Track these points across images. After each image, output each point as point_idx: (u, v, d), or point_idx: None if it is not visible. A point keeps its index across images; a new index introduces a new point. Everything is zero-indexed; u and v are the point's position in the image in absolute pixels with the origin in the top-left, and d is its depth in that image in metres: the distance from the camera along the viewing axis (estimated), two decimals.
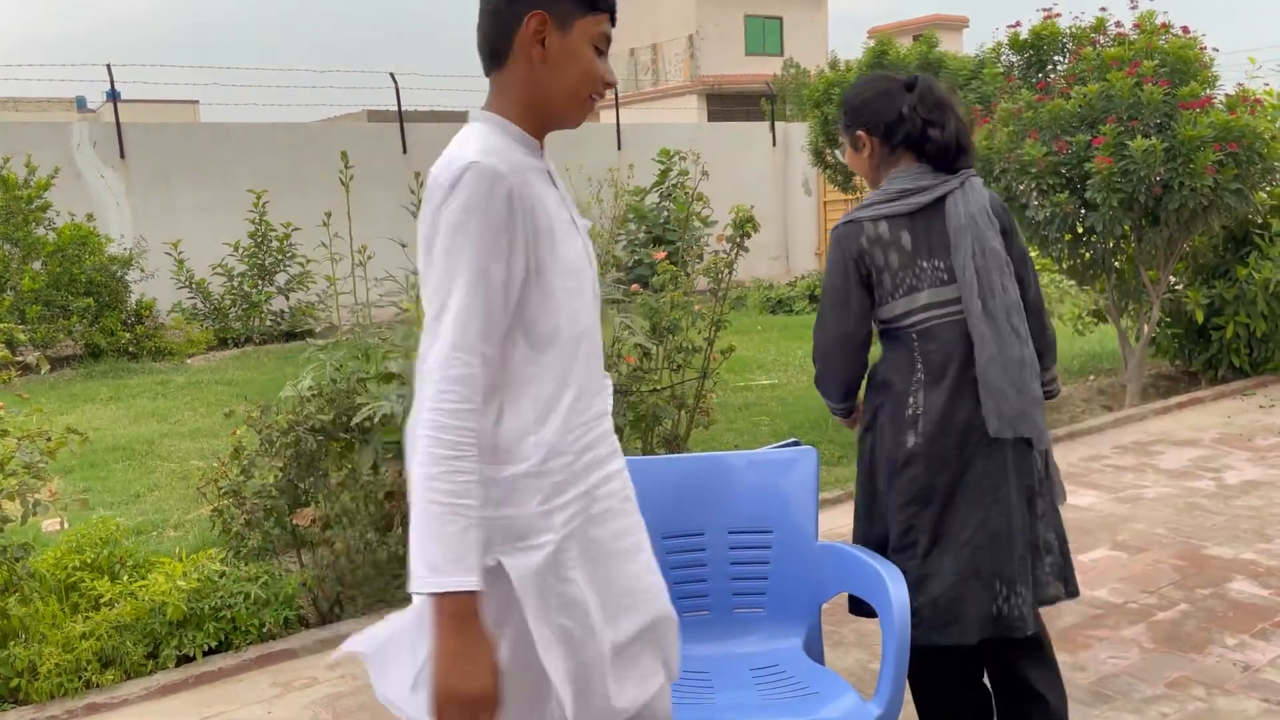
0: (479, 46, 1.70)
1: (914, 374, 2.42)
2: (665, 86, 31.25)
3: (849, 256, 2.43)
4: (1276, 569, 4.03)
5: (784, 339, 10.65)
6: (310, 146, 13.99)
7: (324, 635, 3.75)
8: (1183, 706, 3.03)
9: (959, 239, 2.38)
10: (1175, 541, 4.38)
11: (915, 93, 2.47)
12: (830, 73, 12.71)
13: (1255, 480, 5.18)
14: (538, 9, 1.63)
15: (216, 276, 12.19)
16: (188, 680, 3.48)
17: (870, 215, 2.43)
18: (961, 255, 2.38)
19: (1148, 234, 6.39)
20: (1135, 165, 5.90)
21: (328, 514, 4.07)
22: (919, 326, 2.42)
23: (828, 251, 2.57)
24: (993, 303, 2.38)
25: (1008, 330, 2.38)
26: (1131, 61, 6.26)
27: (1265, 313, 7.04)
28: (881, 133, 2.48)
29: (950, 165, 2.44)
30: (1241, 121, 5.93)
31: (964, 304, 2.38)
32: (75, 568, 3.72)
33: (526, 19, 1.63)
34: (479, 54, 1.71)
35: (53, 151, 12.20)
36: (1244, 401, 6.89)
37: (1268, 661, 3.28)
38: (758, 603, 2.72)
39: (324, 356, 4.33)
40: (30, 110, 31.91)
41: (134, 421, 7.96)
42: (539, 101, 1.69)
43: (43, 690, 3.35)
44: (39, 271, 10.73)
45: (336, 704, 3.33)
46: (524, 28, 1.63)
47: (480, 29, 1.69)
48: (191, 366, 10.70)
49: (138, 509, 5.60)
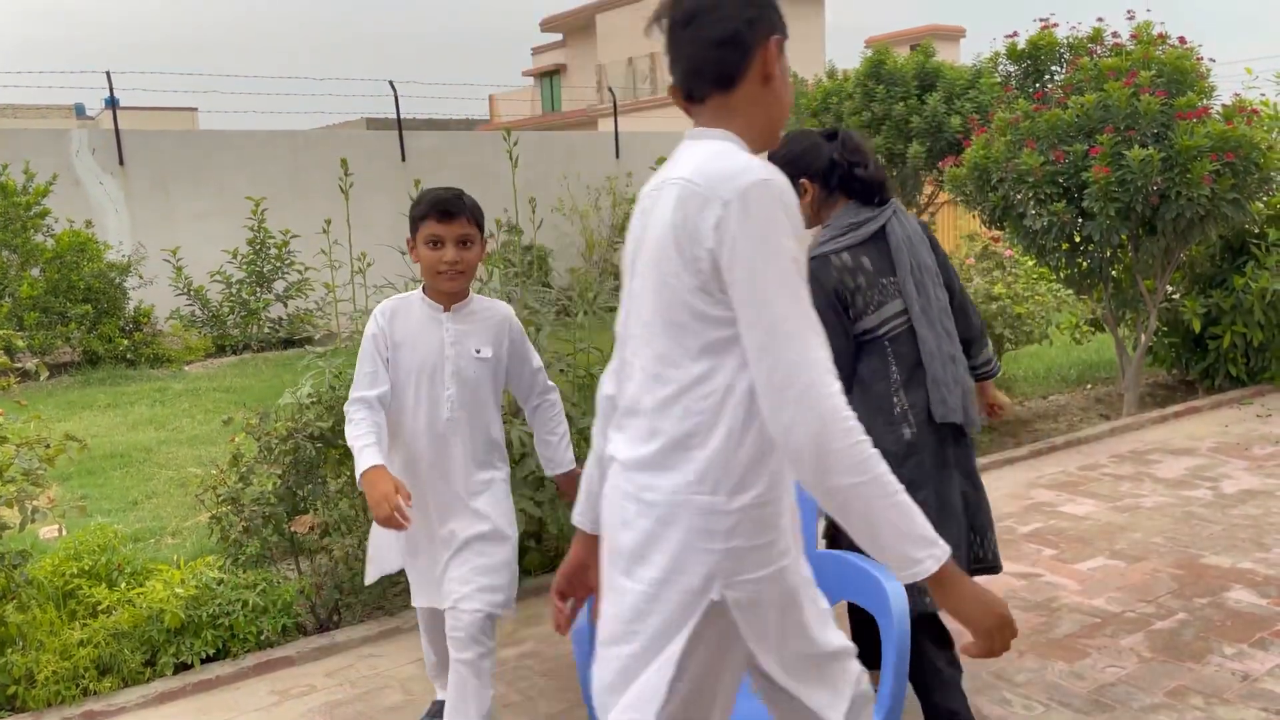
0: (696, 71, 1.69)
1: (890, 376, 2.75)
2: (663, 95, 31.28)
3: (828, 287, 2.72)
4: (1274, 578, 4.03)
5: None
6: (309, 154, 14.00)
7: (322, 643, 3.74)
8: (1181, 716, 3.03)
9: (899, 257, 2.78)
10: (1173, 550, 4.38)
11: (838, 141, 2.85)
12: (828, 82, 12.74)
13: (1252, 489, 5.19)
14: (775, 33, 1.69)
15: (215, 284, 12.19)
16: (185, 688, 3.47)
17: (833, 249, 2.76)
18: (903, 271, 2.77)
19: (1145, 243, 6.40)
20: (1132, 175, 5.92)
21: (326, 521, 4.06)
22: (889, 334, 2.76)
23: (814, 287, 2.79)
24: (930, 309, 2.78)
25: (942, 331, 2.80)
26: (1129, 72, 6.28)
27: (1262, 322, 7.06)
28: (820, 179, 2.83)
29: (875, 199, 2.82)
30: (1238, 132, 5.96)
31: (909, 312, 2.77)
32: (73, 575, 3.71)
33: (769, 43, 1.68)
34: (691, 79, 1.70)
35: (51, 158, 12.21)
36: (1241, 411, 6.90)
37: (1266, 671, 3.28)
38: None
39: (323, 364, 4.33)
40: (29, 117, 31.93)
41: (132, 428, 7.95)
42: (764, 123, 1.73)
43: (40, 698, 3.34)
44: (37, 278, 10.73)
45: (334, 711, 3.33)
46: (766, 51, 1.67)
47: (702, 54, 1.67)
48: (189, 374, 10.69)
49: (136, 516, 5.59)
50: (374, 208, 12.97)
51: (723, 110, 1.70)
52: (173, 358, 11.34)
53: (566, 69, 37.67)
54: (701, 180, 1.58)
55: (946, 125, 11.24)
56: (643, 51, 32.21)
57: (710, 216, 1.56)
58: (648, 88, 32.09)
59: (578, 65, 36.78)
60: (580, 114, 32.09)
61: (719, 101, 1.70)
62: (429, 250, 2.69)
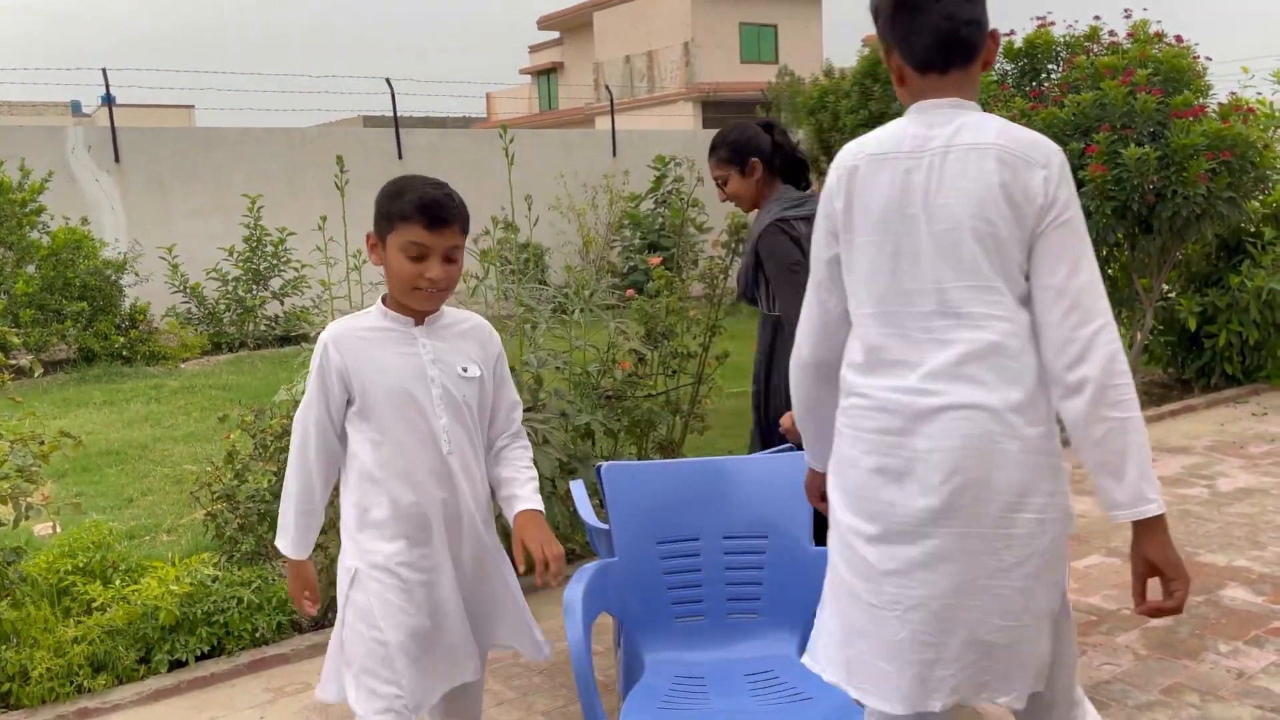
0: (948, 45, 1.86)
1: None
2: (660, 94, 31.29)
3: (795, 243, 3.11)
4: (1269, 576, 4.03)
5: None
6: (305, 151, 13.99)
7: (317, 640, 3.73)
8: (1176, 713, 3.03)
9: None
10: None
11: (775, 131, 3.32)
12: (825, 80, 12.76)
13: (1248, 487, 5.19)
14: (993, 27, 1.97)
15: (211, 281, 12.17)
16: (180, 685, 3.47)
17: (792, 216, 3.15)
18: None
19: (1141, 242, 6.41)
20: (1128, 173, 5.92)
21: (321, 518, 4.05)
22: None
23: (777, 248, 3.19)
24: None
25: None
26: (1125, 70, 6.29)
27: (1258, 321, 7.07)
28: (766, 159, 3.26)
29: (801, 181, 3.30)
30: (1234, 130, 5.97)
31: None
32: (67, 572, 3.71)
33: (995, 31, 1.93)
34: (937, 52, 1.86)
35: (47, 155, 12.19)
36: (1237, 409, 6.91)
37: (1261, 668, 3.28)
38: (753, 608, 2.72)
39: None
40: (25, 114, 31.88)
41: (127, 426, 7.94)
42: (976, 98, 1.94)
43: (34, 695, 3.33)
44: (33, 275, 10.70)
45: (329, 709, 3.32)
46: (994, 38, 1.92)
47: (954, 29, 1.85)
48: (185, 371, 10.67)
49: (130, 513, 5.58)
50: (370, 205, 12.87)
51: (965, 83, 1.89)
52: (168, 355, 11.32)
53: (564, 67, 37.66)
54: (1016, 146, 1.80)
55: None
56: (640, 50, 32.20)
57: (1037, 177, 1.78)
58: (645, 86, 32.09)
59: (575, 63, 36.78)
60: (577, 112, 32.08)
61: (960, 76, 1.87)
62: (407, 261, 2.15)
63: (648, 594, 2.66)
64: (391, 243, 2.18)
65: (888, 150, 1.85)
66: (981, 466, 1.76)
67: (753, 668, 2.59)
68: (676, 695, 2.46)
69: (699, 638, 2.68)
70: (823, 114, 12.41)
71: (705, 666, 2.61)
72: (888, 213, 1.84)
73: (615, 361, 4.85)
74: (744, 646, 2.67)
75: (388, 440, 2.18)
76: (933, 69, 1.86)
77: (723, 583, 2.71)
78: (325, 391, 2.19)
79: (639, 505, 2.68)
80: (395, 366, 2.19)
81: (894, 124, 1.90)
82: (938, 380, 1.79)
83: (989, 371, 1.78)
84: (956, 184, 1.79)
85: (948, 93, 1.86)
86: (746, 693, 2.48)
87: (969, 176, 1.79)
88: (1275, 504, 4.91)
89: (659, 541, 2.69)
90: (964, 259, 1.79)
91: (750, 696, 2.47)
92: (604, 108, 22.13)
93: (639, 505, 2.68)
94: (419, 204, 2.14)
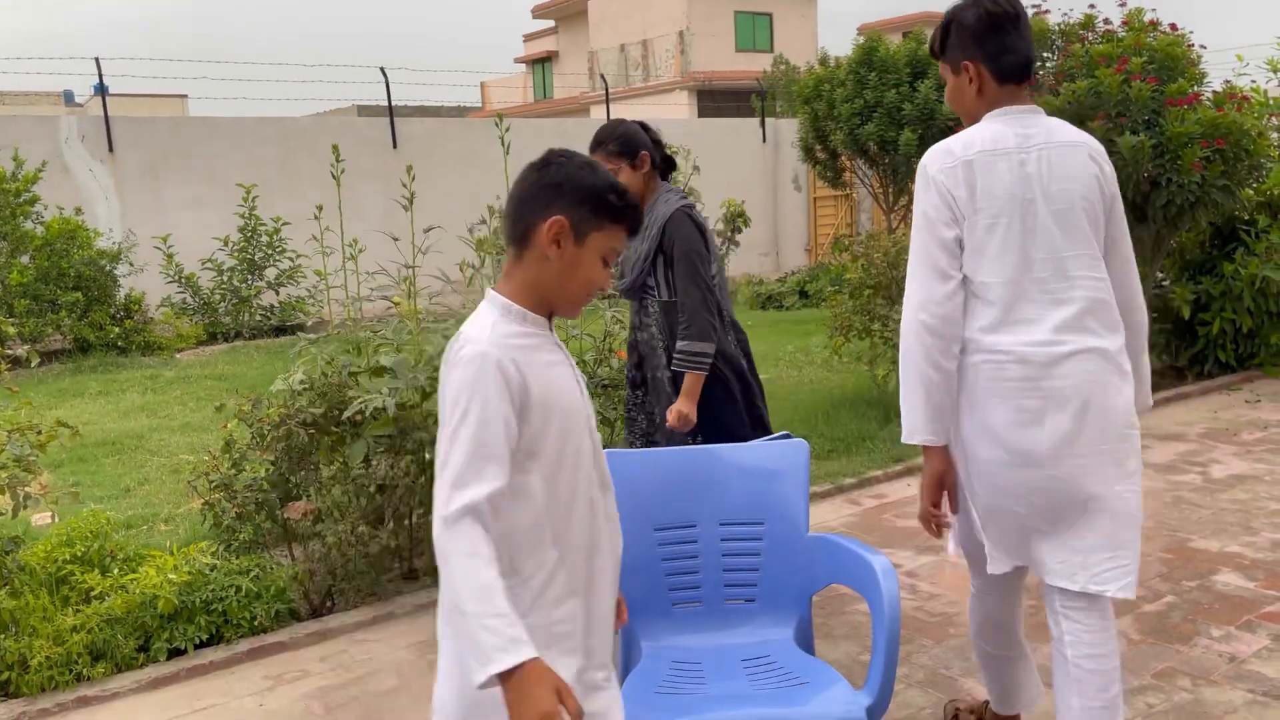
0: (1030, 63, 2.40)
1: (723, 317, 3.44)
2: (656, 83, 31.22)
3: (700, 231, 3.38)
4: (1262, 561, 4.06)
5: (774, 334, 10.67)
6: (300, 141, 13.95)
7: (315, 628, 3.75)
8: (1169, 697, 3.06)
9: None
10: (1162, 534, 4.41)
11: (649, 129, 3.52)
12: (820, 69, 12.72)
13: (1241, 474, 5.22)
14: None
15: (206, 271, 12.15)
16: (179, 673, 3.48)
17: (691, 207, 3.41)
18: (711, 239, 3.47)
19: (1135, 230, 6.42)
20: (1123, 162, 5.93)
21: (319, 507, 4.07)
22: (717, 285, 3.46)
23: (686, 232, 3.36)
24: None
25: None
26: (1120, 58, 6.29)
27: (1251, 308, 7.09)
28: (653, 153, 3.45)
29: (668, 177, 3.54)
30: (1229, 118, 5.98)
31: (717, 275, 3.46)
32: (66, 561, 3.71)
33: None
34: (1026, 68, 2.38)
35: (41, 145, 12.15)
36: (1230, 396, 6.94)
37: (1253, 653, 3.31)
38: (749, 594, 2.73)
39: (315, 350, 4.33)
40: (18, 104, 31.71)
41: (124, 416, 7.94)
42: None
43: (33, 683, 3.35)
44: (27, 265, 10.68)
45: (328, 696, 3.34)
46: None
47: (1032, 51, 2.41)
48: (181, 361, 10.67)
49: (128, 503, 5.59)
50: (365, 194, 12.94)
51: (1025, 93, 2.39)
52: (164, 345, 11.31)
53: (559, 56, 37.55)
54: (1095, 145, 2.37)
55: (938, 112, 11.25)
56: (635, 39, 32.11)
57: (1108, 169, 2.37)
58: (640, 75, 32.01)
59: (570, 52, 36.67)
60: (572, 101, 31.99)
61: (1024, 87, 2.39)
62: (599, 266, 1.78)
63: (645, 580, 2.68)
64: (594, 242, 1.76)
65: (996, 147, 2.30)
66: (1103, 396, 2.26)
67: (749, 653, 2.61)
68: (673, 680, 2.48)
69: (696, 623, 2.70)
70: (818, 103, 12.39)
71: (702, 652, 2.62)
72: (1011, 197, 2.27)
73: (611, 350, 4.86)
74: (740, 632, 2.69)
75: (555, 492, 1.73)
76: (1011, 81, 2.36)
77: (719, 569, 2.73)
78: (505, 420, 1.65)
79: (636, 492, 2.69)
80: (564, 387, 1.77)
81: (986, 127, 2.34)
82: (1063, 332, 2.26)
83: (1098, 322, 2.29)
84: (1067, 172, 2.29)
85: (1021, 101, 2.37)
86: (743, 677, 2.50)
87: (1075, 166, 2.30)
88: (1268, 490, 4.94)
89: (656, 528, 2.71)
90: (1076, 232, 2.29)
91: (746, 681, 2.48)
92: (599, 97, 22.08)
93: (636, 492, 2.69)
94: (633, 209, 1.81)
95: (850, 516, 4.88)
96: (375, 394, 3.86)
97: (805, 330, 10.69)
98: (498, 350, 1.66)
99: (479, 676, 1.50)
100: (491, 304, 1.78)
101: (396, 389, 3.94)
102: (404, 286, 4.41)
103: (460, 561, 1.55)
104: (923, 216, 2.34)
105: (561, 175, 1.75)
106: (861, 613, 3.74)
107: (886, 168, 12.23)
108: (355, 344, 4.43)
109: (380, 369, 4.16)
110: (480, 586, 1.53)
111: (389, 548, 4.10)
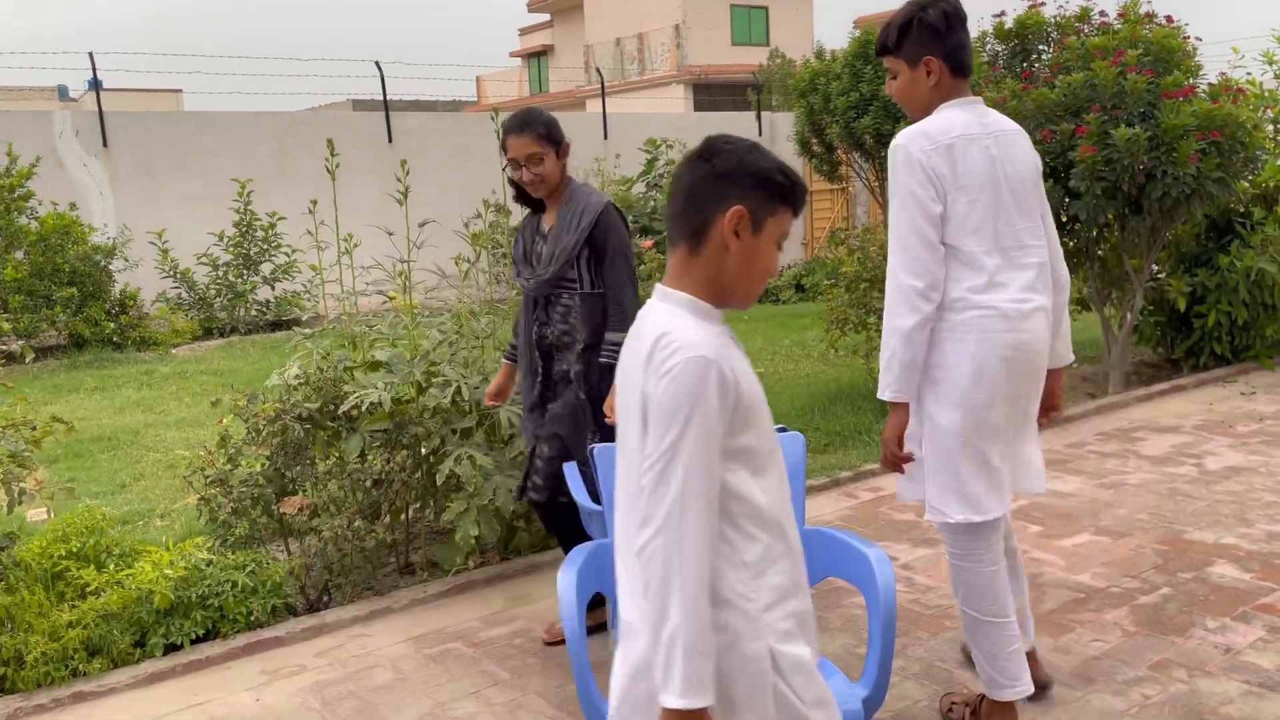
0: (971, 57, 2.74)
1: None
2: (651, 76, 31.18)
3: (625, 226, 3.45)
4: (1257, 553, 4.07)
5: (771, 327, 10.68)
6: (295, 135, 13.92)
7: (311, 623, 3.75)
8: (1165, 688, 3.07)
9: None
10: (1157, 526, 4.42)
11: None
12: (816, 63, 12.71)
13: (1236, 466, 5.23)
14: None
15: (201, 266, 12.13)
16: (175, 668, 3.48)
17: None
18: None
19: (1131, 223, 6.42)
20: (1119, 154, 5.93)
21: (315, 502, 4.07)
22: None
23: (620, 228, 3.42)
24: None
25: None
26: (1115, 51, 6.28)
27: (1247, 300, 7.09)
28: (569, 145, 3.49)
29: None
30: (1224, 111, 5.97)
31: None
32: (61, 557, 3.71)
33: None
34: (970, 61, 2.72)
35: (35, 140, 12.11)
36: (1226, 388, 6.95)
37: (1248, 644, 3.32)
38: None
39: (311, 345, 4.32)
40: (11, 99, 31.62)
41: (119, 411, 7.93)
42: None
43: (30, 679, 3.34)
44: (21, 261, 10.66)
45: (324, 691, 3.34)
46: None
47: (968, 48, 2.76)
48: (176, 356, 10.65)
49: (124, 498, 5.58)
50: (360, 189, 12.91)
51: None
52: (159, 341, 11.30)
53: (554, 50, 37.48)
54: (1024, 133, 2.75)
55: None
56: (630, 32, 32.06)
57: (1036, 153, 2.76)
58: (635, 68, 31.96)
59: (565, 46, 36.61)
60: (568, 95, 31.95)
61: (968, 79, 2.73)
62: (775, 251, 1.73)
63: None
64: (771, 228, 1.69)
65: (969, 133, 2.61)
66: (1048, 343, 2.73)
67: None
68: None
69: None
70: (814, 96, 12.38)
71: None
72: (986, 177, 2.60)
73: None
74: None
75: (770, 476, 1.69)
76: (962, 75, 2.68)
77: None
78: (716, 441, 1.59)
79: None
80: (757, 383, 1.69)
81: (953, 115, 2.63)
82: (1027, 291, 2.64)
83: (1043, 284, 2.69)
84: (1018, 155, 2.67)
85: (967, 93, 2.69)
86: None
87: (1022, 151, 2.69)
88: (1263, 482, 4.95)
89: None
90: (1026, 207, 2.67)
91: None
92: (595, 90, 22.05)
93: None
94: (801, 188, 1.71)
95: (846, 510, 4.88)
96: (371, 389, 3.86)
97: (801, 324, 10.69)
98: (715, 354, 1.57)
99: (670, 701, 1.50)
100: (676, 302, 1.68)
101: (392, 384, 3.94)
102: (399, 281, 4.41)
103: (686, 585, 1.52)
104: (909, 194, 2.59)
105: (733, 163, 1.67)
106: (857, 606, 3.74)
107: (883, 161, 12.22)
108: (351, 339, 4.43)
109: (376, 364, 4.16)
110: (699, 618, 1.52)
111: (385, 542, 4.10)
